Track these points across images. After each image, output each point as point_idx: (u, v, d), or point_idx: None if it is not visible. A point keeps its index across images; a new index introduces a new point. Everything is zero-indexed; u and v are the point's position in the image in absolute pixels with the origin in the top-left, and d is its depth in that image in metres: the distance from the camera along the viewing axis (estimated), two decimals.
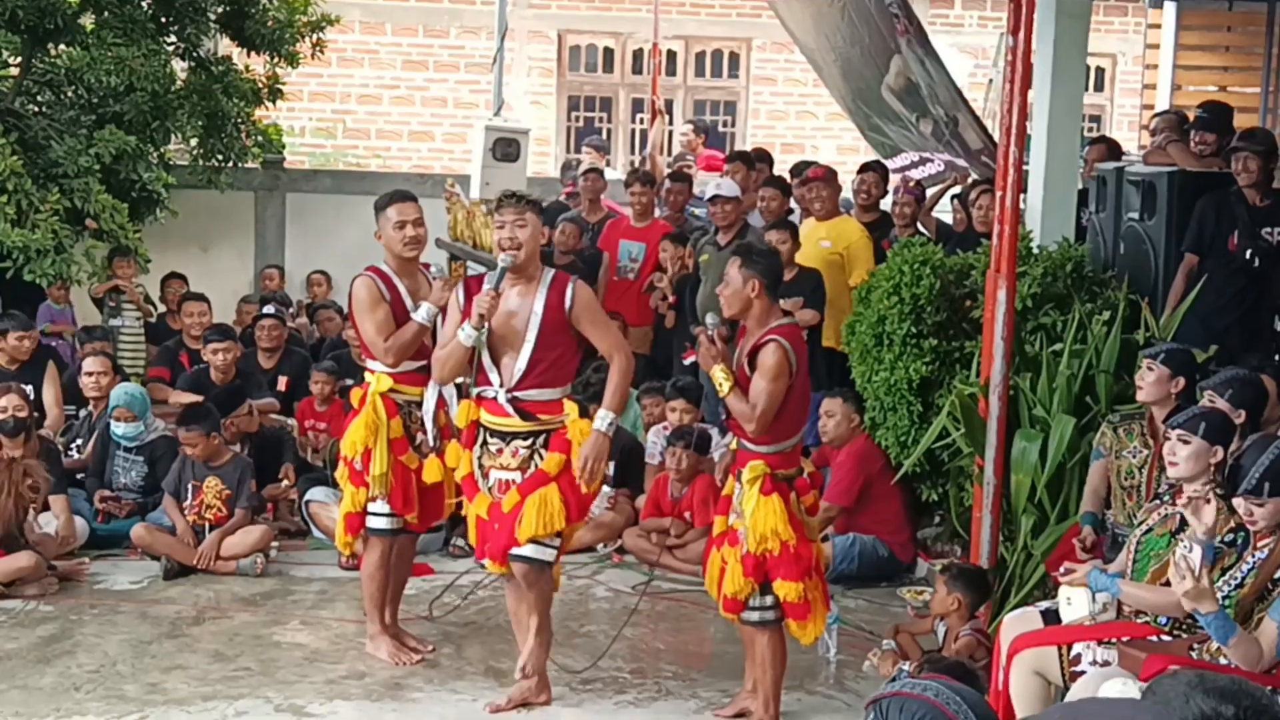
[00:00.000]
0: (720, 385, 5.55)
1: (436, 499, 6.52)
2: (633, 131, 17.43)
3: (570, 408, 5.71)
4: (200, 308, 10.42)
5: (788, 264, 8.59)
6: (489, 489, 5.76)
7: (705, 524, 7.88)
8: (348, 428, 6.44)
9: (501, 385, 5.66)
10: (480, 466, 5.78)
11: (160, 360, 10.29)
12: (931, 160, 10.96)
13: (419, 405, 6.35)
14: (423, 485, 6.40)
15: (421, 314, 6.27)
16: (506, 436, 5.70)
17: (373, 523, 6.44)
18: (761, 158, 11.30)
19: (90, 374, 9.05)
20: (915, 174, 11.07)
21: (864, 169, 10.10)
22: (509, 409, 5.65)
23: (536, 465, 5.68)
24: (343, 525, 6.52)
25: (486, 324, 5.60)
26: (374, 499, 6.37)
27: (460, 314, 5.70)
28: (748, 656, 5.97)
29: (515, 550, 5.66)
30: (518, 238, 5.60)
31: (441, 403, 6.27)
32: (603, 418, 5.67)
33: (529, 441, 5.69)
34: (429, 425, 6.30)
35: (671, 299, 10.08)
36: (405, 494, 6.38)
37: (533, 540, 5.63)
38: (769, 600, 5.69)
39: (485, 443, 5.75)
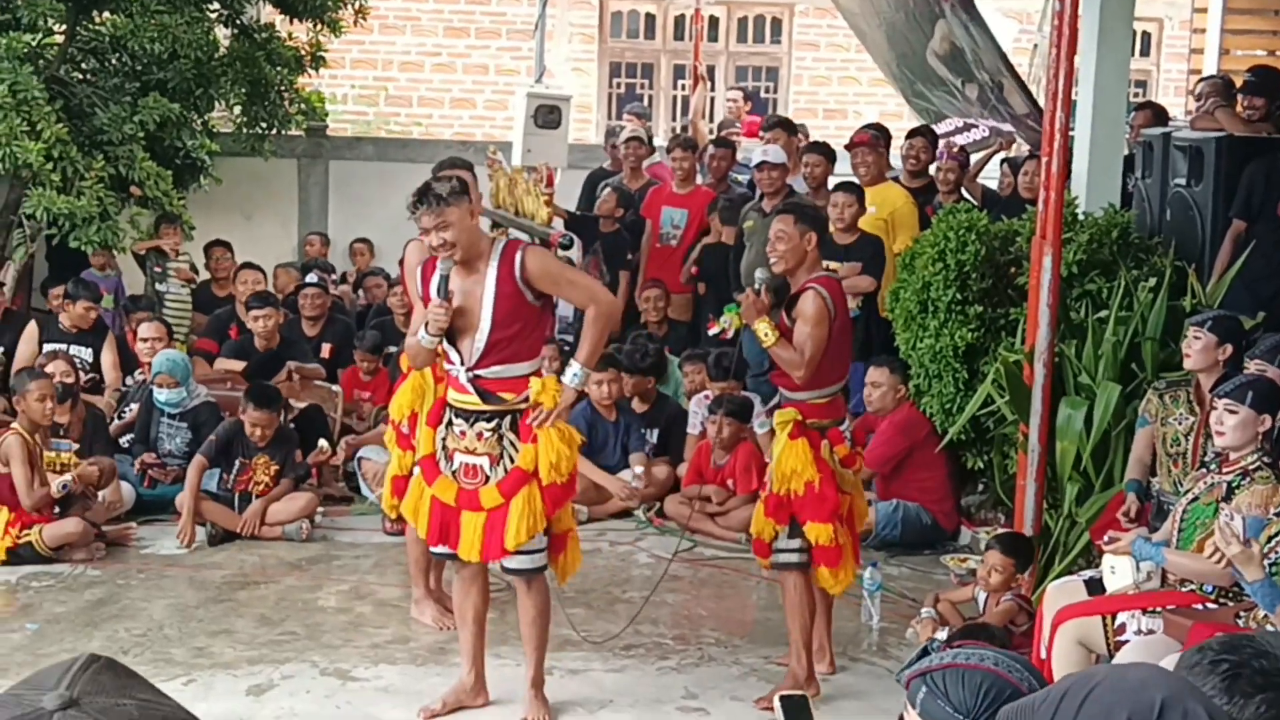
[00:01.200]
0: (765, 336, 5.62)
1: None
2: (674, 98, 17.36)
3: (534, 383, 5.38)
4: (255, 276, 10.48)
5: (850, 228, 8.61)
6: (452, 472, 5.48)
7: (747, 491, 7.91)
8: (396, 391, 6.48)
9: (462, 364, 5.39)
10: (444, 448, 5.52)
11: (209, 331, 10.34)
12: (976, 126, 10.90)
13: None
14: None
15: None
16: (470, 417, 5.42)
17: None
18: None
19: (145, 339, 9.18)
20: (959, 139, 11.00)
21: (913, 134, 10.05)
22: (469, 388, 5.40)
23: (510, 456, 5.40)
24: (389, 488, 6.57)
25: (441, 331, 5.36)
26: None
27: (420, 300, 5.52)
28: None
29: (507, 564, 5.50)
30: (446, 239, 5.25)
31: None
32: (572, 371, 5.41)
33: (493, 423, 5.40)
34: None
35: (694, 269, 10.07)
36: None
37: (520, 550, 5.43)
38: (796, 543, 5.78)
39: (450, 422, 5.49)
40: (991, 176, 10.75)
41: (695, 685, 6.00)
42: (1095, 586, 5.21)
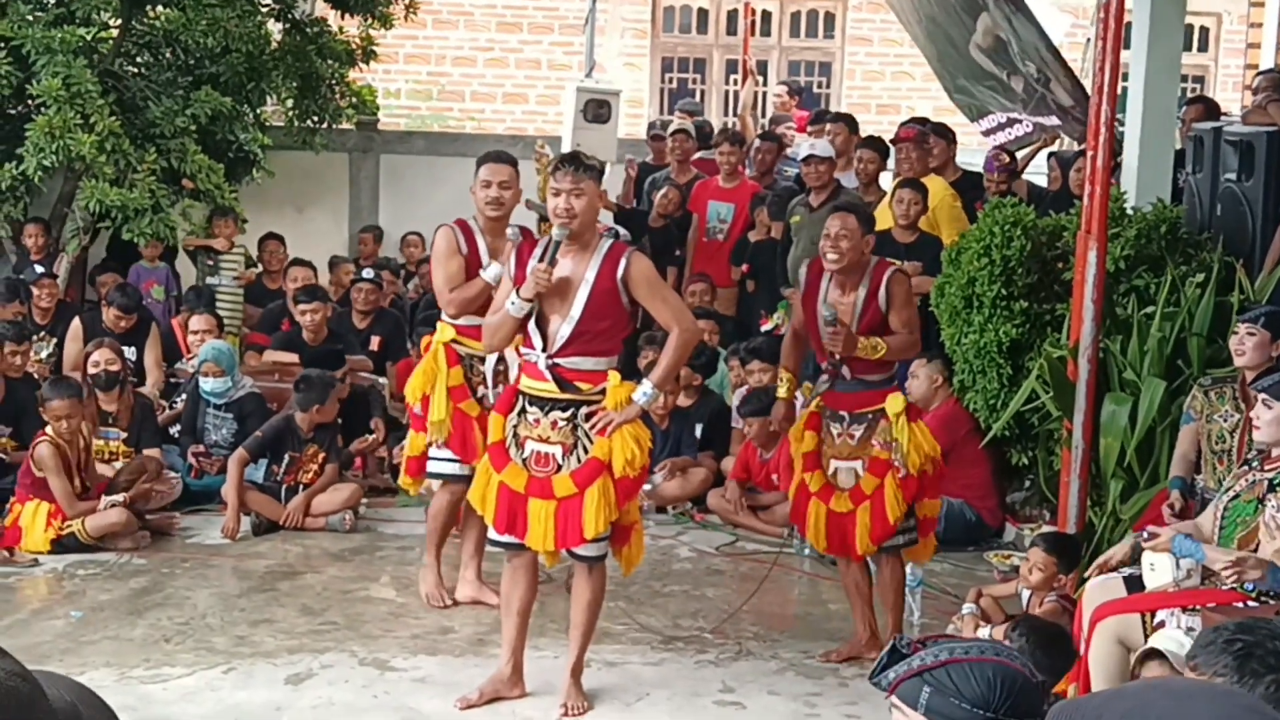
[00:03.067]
0: (874, 351, 5.86)
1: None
2: (726, 93, 17.33)
3: (613, 378, 5.43)
4: (305, 272, 10.54)
5: (913, 225, 8.62)
6: (523, 460, 5.49)
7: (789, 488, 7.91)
8: (411, 374, 6.68)
9: (544, 350, 5.41)
10: (515, 436, 5.53)
11: (262, 325, 10.42)
12: (1020, 121, 10.79)
13: (481, 360, 6.46)
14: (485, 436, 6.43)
15: (489, 273, 6.30)
16: (545, 405, 5.44)
17: (435, 467, 6.63)
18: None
19: (195, 332, 9.28)
20: (1003, 136, 10.90)
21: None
22: (547, 375, 5.42)
23: (584, 447, 5.43)
24: (404, 466, 6.77)
25: (537, 299, 5.40)
26: (432, 444, 6.53)
27: (511, 281, 5.49)
28: (861, 600, 6.20)
29: (578, 550, 5.52)
30: (574, 207, 5.30)
31: (502, 364, 6.39)
32: (643, 390, 5.41)
33: (568, 413, 5.43)
34: (489, 383, 6.45)
35: (745, 267, 10.05)
36: (465, 440, 6.46)
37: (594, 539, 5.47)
38: (912, 522, 6.05)
39: (524, 410, 5.50)
40: (1038, 172, 10.67)
41: (733, 679, 5.98)
42: (1135, 584, 5.15)
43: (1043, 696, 2.54)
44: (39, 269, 10.03)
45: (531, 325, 5.44)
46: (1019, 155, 10.26)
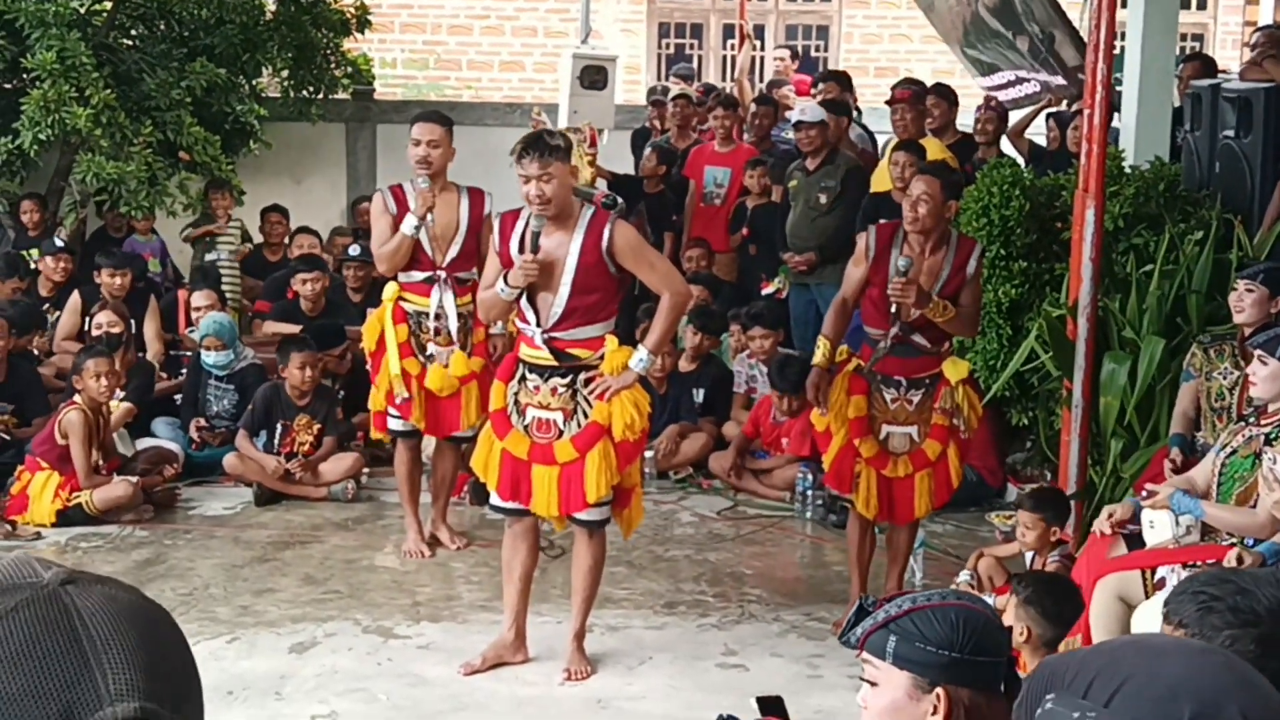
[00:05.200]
0: (944, 313, 5.80)
1: (451, 408, 6.77)
2: (724, 58, 17.26)
3: (610, 342, 5.45)
4: (310, 240, 10.58)
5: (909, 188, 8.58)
6: (524, 427, 5.53)
7: (799, 454, 7.92)
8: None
9: (538, 325, 5.44)
10: (516, 403, 5.58)
11: (267, 294, 10.39)
12: (1028, 80, 10.75)
13: (428, 316, 6.70)
14: (432, 393, 6.71)
15: (406, 226, 6.57)
16: (544, 372, 5.48)
17: (390, 424, 6.91)
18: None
19: (197, 308, 9.27)
20: (1010, 94, 10.86)
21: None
22: (544, 348, 5.45)
23: (584, 412, 5.46)
24: (371, 421, 7.14)
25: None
26: (394, 398, 6.77)
27: (497, 255, 5.50)
28: (865, 565, 6.21)
29: (579, 515, 5.53)
30: (545, 193, 5.25)
31: (439, 319, 6.69)
32: (639, 356, 5.43)
33: (568, 379, 5.46)
34: (451, 325, 6.68)
35: (744, 231, 10.03)
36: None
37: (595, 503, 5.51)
38: None
39: (523, 377, 5.53)
40: (1038, 132, 10.63)
41: (735, 642, 6.01)
42: (1135, 541, 5.16)
43: (1005, 638, 2.59)
44: (59, 242, 10.02)
45: (524, 302, 5.46)
46: (1023, 114, 10.22)
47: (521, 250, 5.37)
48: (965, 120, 9.99)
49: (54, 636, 1.22)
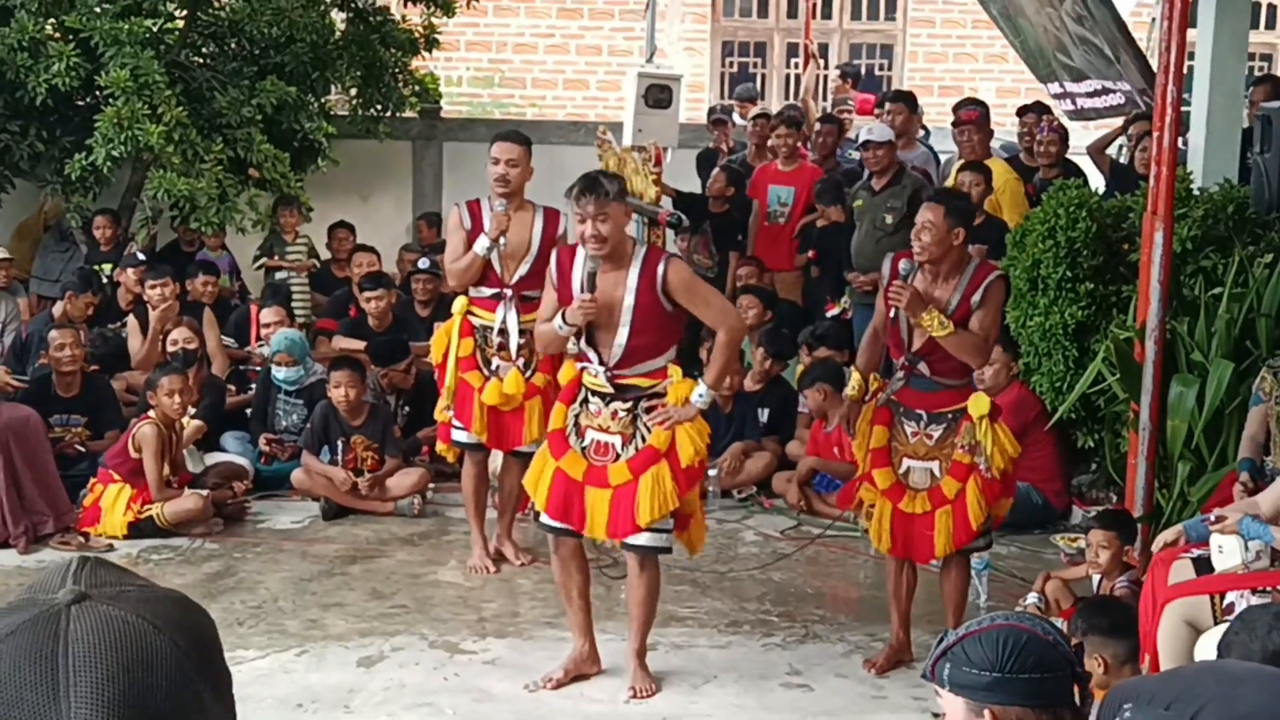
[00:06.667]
0: (940, 327, 5.59)
1: (514, 422, 6.81)
2: (787, 76, 17.30)
3: (674, 371, 5.50)
4: (369, 259, 10.68)
5: (977, 207, 8.55)
6: (583, 449, 5.59)
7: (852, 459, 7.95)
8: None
9: (601, 364, 5.48)
10: (576, 424, 5.60)
11: (329, 311, 10.52)
12: (1114, 91, 10.60)
13: (492, 330, 6.78)
14: (495, 407, 6.78)
15: (478, 246, 6.65)
16: (606, 397, 5.52)
17: (455, 436, 6.97)
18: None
19: (266, 324, 9.40)
20: (1093, 103, 10.73)
21: (1024, 111, 9.93)
22: (608, 386, 5.49)
23: (642, 436, 5.49)
24: (438, 433, 7.23)
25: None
26: (449, 408, 6.86)
27: (554, 291, 5.56)
28: (904, 603, 6.09)
29: (631, 540, 5.52)
30: (600, 233, 5.31)
31: (502, 334, 6.76)
32: (699, 393, 5.44)
33: (629, 404, 5.50)
34: (512, 343, 6.74)
35: (811, 253, 10.05)
36: (463, 408, 6.80)
37: (649, 527, 5.49)
38: (988, 524, 5.89)
39: (586, 400, 5.57)
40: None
41: (800, 662, 6.01)
42: (1203, 565, 5.14)
43: (1061, 653, 2.59)
44: (139, 255, 10.20)
45: (584, 344, 5.53)
46: (1104, 131, 10.17)
47: (581, 290, 5.44)
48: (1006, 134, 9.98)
49: (35, 664, 1.22)
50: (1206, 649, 4.58)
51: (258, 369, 9.31)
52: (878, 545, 6.02)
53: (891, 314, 5.81)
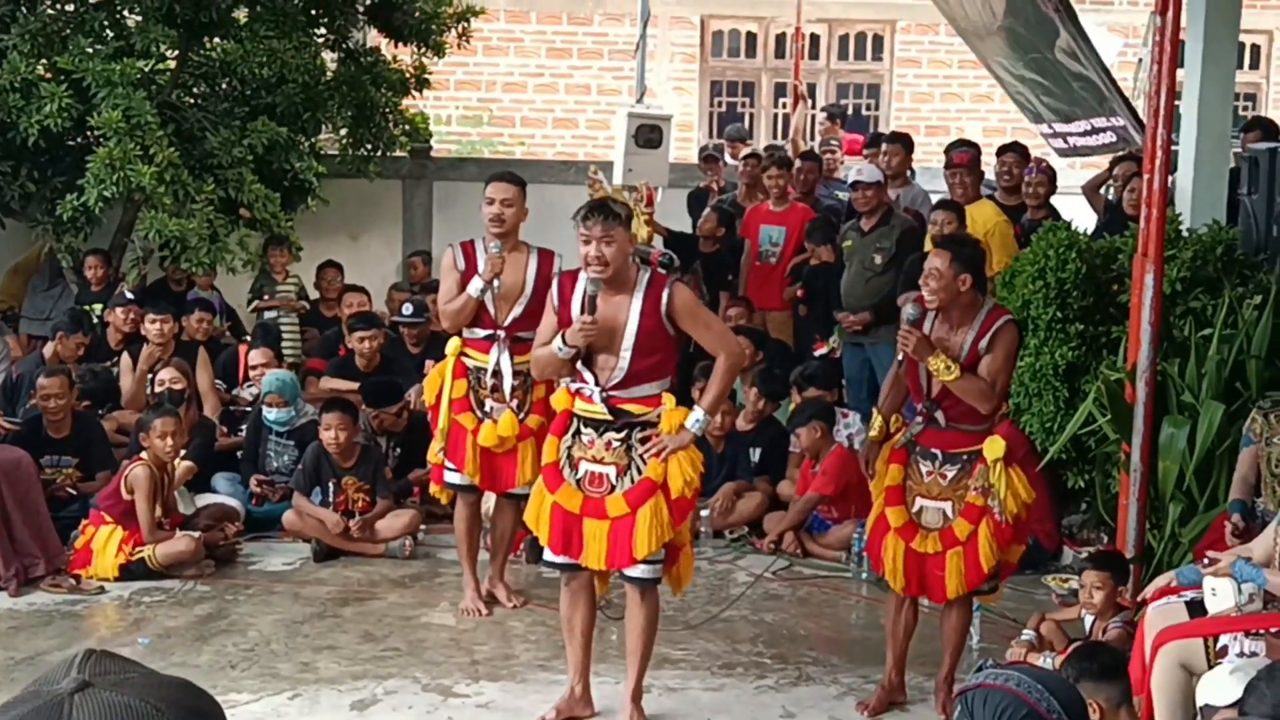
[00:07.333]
0: (945, 371, 5.62)
1: (507, 464, 6.83)
2: (775, 116, 17.38)
3: (668, 400, 5.50)
4: (360, 299, 10.71)
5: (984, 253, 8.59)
6: (577, 481, 5.56)
7: (821, 492, 8.11)
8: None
9: (597, 385, 5.48)
10: (569, 457, 5.59)
11: (319, 351, 10.52)
12: (1104, 130, 10.62)
13: (486, 371, 6.78)
14: (488, 449, 6.78)
15: (472, 288, 6.67)
16: (599, 427, 5.51)
17: (448, 478, 6.94)
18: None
19: (254, 366, 9.40)
20: (1085, 141, 10.77)
21: (1003, 150, 9.98)
22: (602, 406, 5.49)
23: (638, 468, 5.48)
24: (431, 474, 7.21)
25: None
26: (442, 450, 6.86)
27: (555, 315, 5.57)
28: (900, 643, 6.06)
29: (630, 572, 5.54)
30: (604, 255, 5.35)
31: (496, 376, 6.77)
32: (695, 418, 5.46)
33: (622, 434, 5.49)
34: (505, 385, 6.75)
35: (800, 292, 10.09)
36: (457, 450, 6.80)
37: (644, 560, 5.50)
38: (997, 568, 5.88)
39: (578, 431, 5.57)
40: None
41: (793, 704, 6.01)
42: (1196, 609, 5.15)
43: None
44: (127, 294, 10.21)
45: (581, 364, 5.52)
46: (1096, 172, 10.22)
47: (581, 312, 5.45)
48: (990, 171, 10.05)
49: None
50: (1205, 691, 4.59)
51: (247, 410, 9.30)
52: (892, 583, 6.00)
53: (899, 358, 5.86)
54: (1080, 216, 9.31)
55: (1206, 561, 5.14)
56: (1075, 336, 7.48)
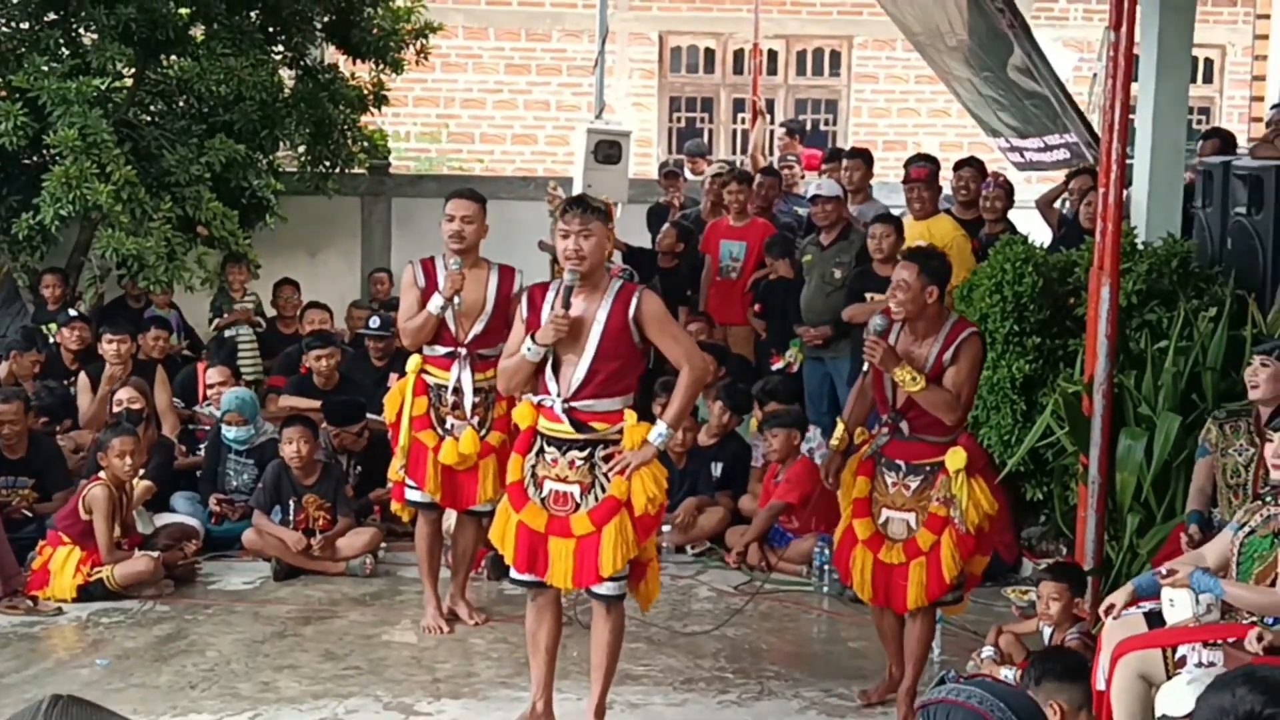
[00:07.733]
0: (911, 382, 5.69)
1: (468, 482, 6.84)
2: (734, 132, 17.44)
3: (630, 416, 5.50)
4: (321, 315, 10.67)
5: (889, 259, 8.61)
6: (541, 499, 5.55)
7: (783, 499, 8.14)
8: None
9: (559, 395, 5.47)
10: (534, 475, 5.58)
11: (280, 369, 10.46)
12: (1058, 146, 10.72)
13: (447, 388, 6.77)
14: (449, 466, 6.79)
15: (432, 305, 6.66)
16: (563, 445, 5.52)
17: (409, 495, 6.95)
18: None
19: (211, 385, 9.34)
20: (1040, 156, 10.86)
21: (960, 165, 10.04)
22: (564, 418, 5.47)
23: (602, 486, 5.48)
24: (391, 491, 7.23)
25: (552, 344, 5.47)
26: (403, 467, 6.86)
27: (524, 325, 5.55)
28: (893, 642, 6.15)
29: (597, 589, 5.54)
30: (582, 249, 5.38)
31: (456, 394, 6.76)
32: (658, 431, 5.46)
33: (585, 452, 5.48)
34: (466, 402, 6.74)
35: (757, 307, 10.11)
36: (418, 467, 6.81)
37: (611, 577, 5.51)
38: (960, 579, 5.94)
39: (541, 450, 5.56)
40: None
41: (755, 719, 6.01)
42: (1155, 619, 5.19)
43: None
44: (73, 312, 10.14)
45: (547, 371, 5.50)
46: (1049, 187, 10.29)
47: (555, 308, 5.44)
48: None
49: None
50: (1163, 702, 4.62)
51: (206, 429, 9.25)
52: (860, 593, 6.08)
53: (865, 369, 5.91)
54: (1037, 231, 9.39)
55: (1164, 572, 5.17)
56: (1032, 349, 7.51)
